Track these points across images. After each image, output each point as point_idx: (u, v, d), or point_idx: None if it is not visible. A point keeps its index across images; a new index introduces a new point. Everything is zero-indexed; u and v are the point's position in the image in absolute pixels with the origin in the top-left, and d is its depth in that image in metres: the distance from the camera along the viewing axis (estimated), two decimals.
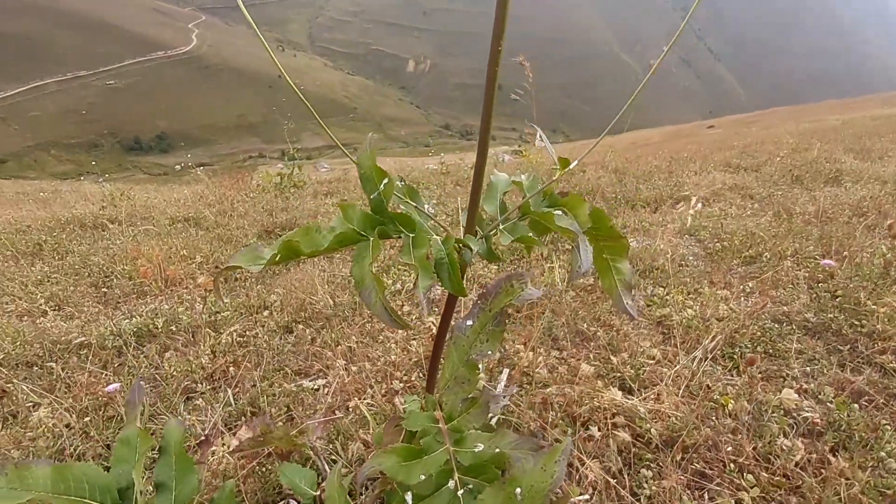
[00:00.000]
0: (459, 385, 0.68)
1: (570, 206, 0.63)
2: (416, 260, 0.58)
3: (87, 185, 14.02)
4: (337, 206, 4.17)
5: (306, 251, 0.55)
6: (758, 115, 32.52)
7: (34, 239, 3.55)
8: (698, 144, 14.49)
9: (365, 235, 0.60)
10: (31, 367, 1.75)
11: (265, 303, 2.21)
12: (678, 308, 1.82)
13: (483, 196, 0.72)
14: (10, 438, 1.32)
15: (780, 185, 4.44)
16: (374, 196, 0.61)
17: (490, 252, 0.69)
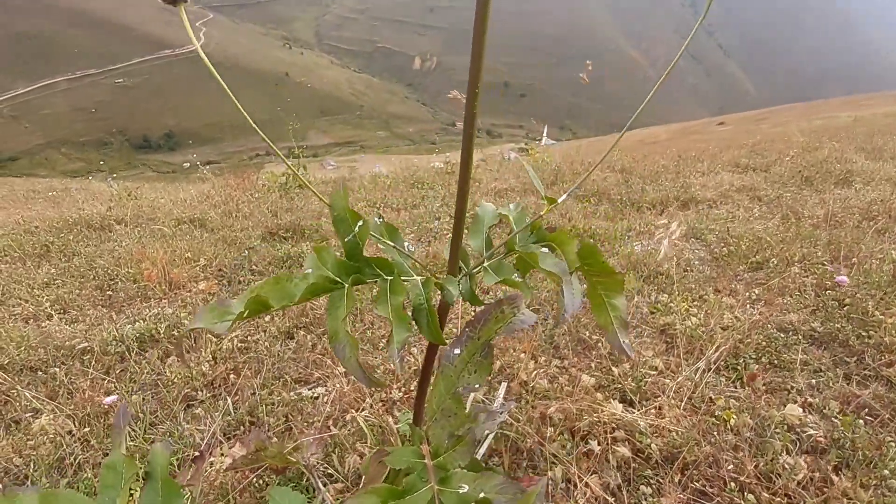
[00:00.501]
0: (446, 418, 0.67)
1: (558, 242, 0.61)
2: (392, 310, 0.57)
3: (96, 184, 14.16)
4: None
5: (276, 305, 0.54)
6: (768, 112, 32.09)
7: (42, 240, 3.58)
8: (707, 142, 14.34)
9: (340, 282, 0.58)
10: (35, 371, 1.77)
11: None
12: (682, 316, 1.80)
13: (470, 228, 0.70)
14: (12, 446, 1.33)
15: (789, 186, 4.38)
16: (348, 239, 0.59)
17: (472, 295, 0.67)
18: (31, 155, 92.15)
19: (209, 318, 0.53)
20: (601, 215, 3.83)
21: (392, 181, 5.87)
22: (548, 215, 3.12)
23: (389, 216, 4.11)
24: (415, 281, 0.63)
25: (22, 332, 1.97)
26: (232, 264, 2.88)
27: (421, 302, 0.61)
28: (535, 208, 3.70)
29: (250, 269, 2.83)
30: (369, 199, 4.74)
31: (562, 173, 5.56)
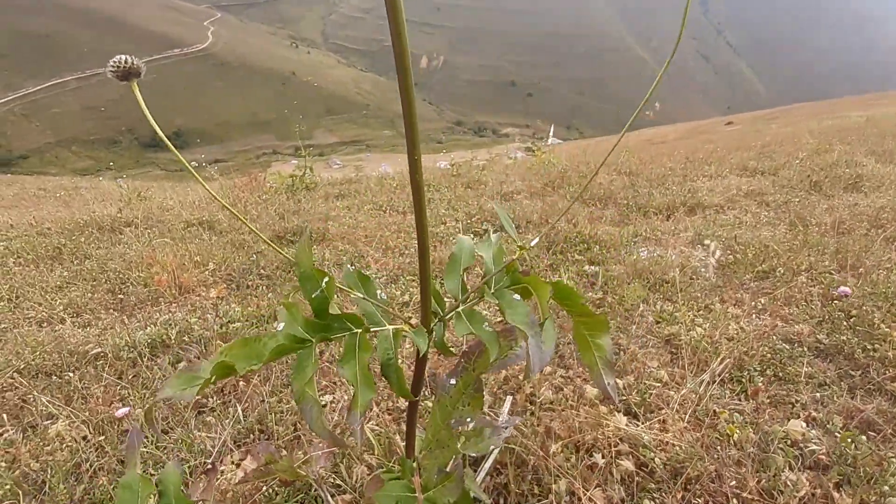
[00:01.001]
0: (440, 449, 0.68)
1: (533, 286, 0.60)
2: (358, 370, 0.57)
3: (106, 183, 14.34)
4: (346, 208, 4.16)
5: (242, 370, 0.55)
6: (778, 112, 31.79)
7: (54, 243, 3.64)
8: (715, 143, 14.24)
9: (309, 340, 0.58)
10: (50, 376, 1.81)
11: (275, 313, 2.25)
12: (687, 326, 1.81)
13: (446, 267, 0.70)
14: (30, 451, 1.36)
15: (797, 191, 4.35)
16: (315, 296, 0.59)
17: (443, 344, 0.67)
18: (42, 153, 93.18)
19: (177, 386, 0.54)
20: (607, 220, 3.83)
21: (398, 183, 5.89)
22: (554, 219, 3.11)
23: (395, 219, 4.13)
24: (385, 332, 0.63)
25: (37, 336, 2.01)
26: (240, 269, 2.92)
27: (389, 357, 0.61)
28: (528, 231, 3.71)
29: (258, 274, 2.87)
30: (375, 202, 4.77)
31: (567, 175, 5.56)
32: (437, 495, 0.61)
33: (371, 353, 0.59)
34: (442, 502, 0.60)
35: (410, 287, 2.44)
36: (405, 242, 3.32)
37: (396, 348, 0.61)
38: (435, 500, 0.61)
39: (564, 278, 2.26)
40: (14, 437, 1.46)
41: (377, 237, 3.47)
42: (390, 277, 2.67)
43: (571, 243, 2.87)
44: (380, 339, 0.61)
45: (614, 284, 2.24)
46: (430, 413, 0.81)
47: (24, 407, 1.61)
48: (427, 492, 0.62)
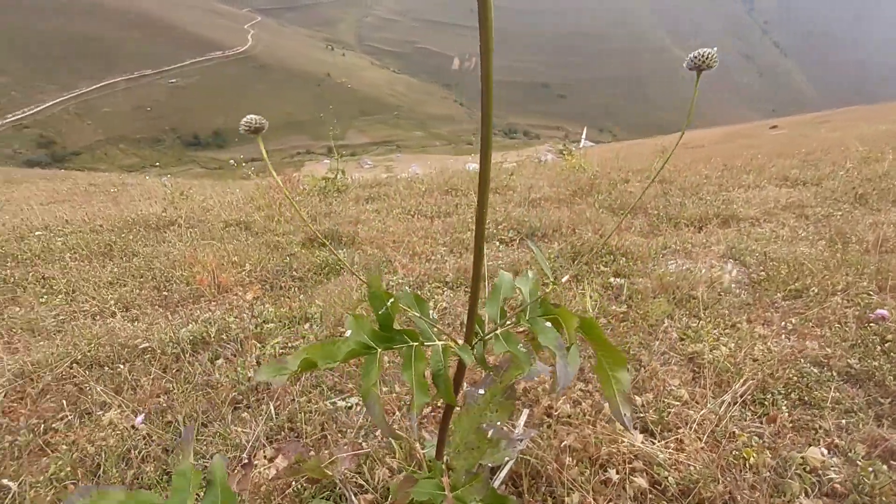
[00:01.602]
0: (469, 451, 0.74)
1: (561, 317, 0.66)
2: (415, 377, 0.64)
3: (150, 180, 15.07)
4: (375, 212, 4.23)
5: (322, 365, 0.63)
6: (828, 115, 30.23)
7: (105, 240, 3.90)
8: (757, 148, 13.69)
9: (374, 348, 0.66)
10: (103, 367, 1.96)
11: (306, 314, 2.35)
12: (711, 345, 1.79)
13: (489, 295, 0.76)
14: (86, 436, 1.50)
15: (840, 204, 4.17)
16: (381, 312, 0.67)
17: (483, 361, 0.74)
18: (92, 150, 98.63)
19: (269, 373, 0.62)
20: (636, 230, 3.78)
21: (427, 187, 5.98)
22: (581, 231, 3.11)
23: (422, 224, 4.21)
24: (436, 347, 0.70)
25: (92, 330, 2.18)
26: (274, 270, 3.06)
27: (439, 368, 0.68)
28: (559, 244, 3.70)
29: (291, 276, 2.99)
30: (404, 207, 4.86)
31: (597, 182, 5.50)
32: (465, 494, 0.68)
33: (426, 364, 0.67)
34: (469, 500, 0.67)
35: (436, 294, 2.50)
36: (431, 248, 3.39)
37: (446, 361, 0.69)
38: (463, 498, 0.67)
39: (588, 291, 2.27)
40: (72, 421, 1.60)
41: (405, 242, 3.55)
42: (416, 283, 2.74)
43: (598, 254, 2.87)
44: (433, 353, 0.69)
45: (639, 299, 2.23)
46: (457, 419, 0.87)
47: (80, 395, 1.76)
48: (455, 490, 0.69)
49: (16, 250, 3.64)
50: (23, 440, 1.50)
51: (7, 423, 1.59)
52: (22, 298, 2.76)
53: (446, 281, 2.74)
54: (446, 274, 2.82)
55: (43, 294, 2.83)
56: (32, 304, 2.69)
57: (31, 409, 1.71)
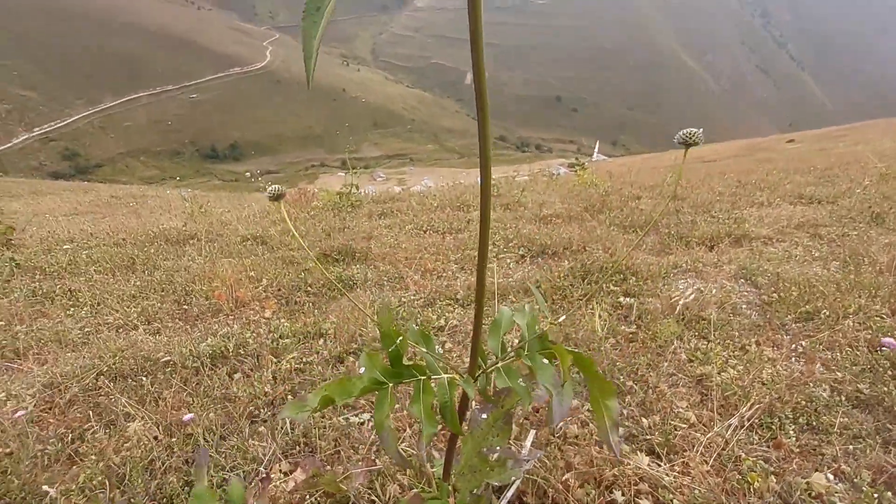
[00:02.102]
0: (472, 473, 0.79)
1: (558, 353, 0.71)
2: (423, 409, 0.70)
3: (169, 192, 15.51)
4: (387, 227, 4.30)
5: (339, 401, 0.69)
6: (847, 129, 29.82)
7: (128, 253, 4.04)
8: (773, 163, 13.57)
9: (385, 383, 0.72)
10: (126, 379, 2.04)
11: (320, 330, 2.42)
12: (719, 367, 1.81)
13: (489, 329, 0.82)
14: (112, 447, 1.57)
15: (856, 223, 4.13)
16: (391, 350, 0.73)
17: (485, 392, 0.79)
18: (114, 163, 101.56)
19: (293, 410, 0.68)
20: (648, 248, 3.80)
21: (439, 203, 6.06)
22: (591, 249, 3.13)
23: (434, 240, 4.27)
24: (442, 380, 0.75)
25: (116, 342, 2.28)
26: (290, 285, 3.14)
27: (445, 400, 0.73)
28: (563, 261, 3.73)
29: (306, 291, 3.07)
30: (416, 223, 4.94)
31: (608, 199, 5.53)
32: None
33: (433, 397, 0.72)
34: None
35: (446, 312, 2.55)
36: (443, 266, 3.45)
37: (452, 394, 0.74)
38: None
39: (598, 310, 2.29)
40: (99, 431, 1.68)
41: (416, 259, 3.62)
42: (427, 300, 2.79)
43: (607, 273, 2.90)
44: (439, 386, 0.74)
45: (648, 319, 2.25)
46: (463, 441, 0.92)
47: (105, 406, 1.84)
48: None
49: (44, 263, 3.80)
50: (52, 449, 1.57)
51: (37, 433, 1.67)
52: (50, 311, 2.88)
53: (457, 298, 2.78)
54: (457, 291, 2.87)
55: (70, 307, 2.94)
56: (60, 316, 2.81)
57: (59, 419, 1.79)
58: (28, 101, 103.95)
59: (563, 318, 0.79)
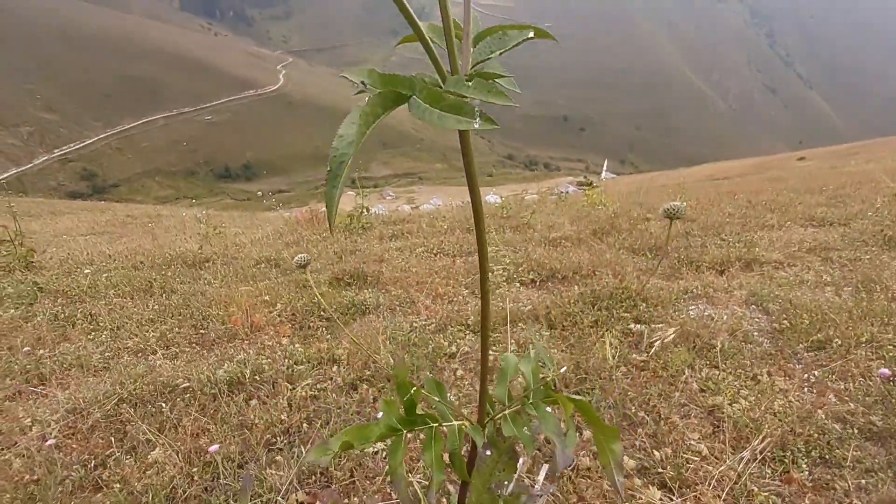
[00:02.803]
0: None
1: (561, 402, 0.74)
2: (434, 458, 0.74)
3: (183, 211, 15.83)
4: (398, 250, 4.36)
5: (357, 446, 0.73)
6: (858, 147, 29.67)
7: (146, 276, 4.14)
8: (784, 182, 13.50)
9: (400, 429, 0.76)
10: (146, 404, 2.09)
11: (334, 356, 2.46)
12: (731, 398, 1.81)
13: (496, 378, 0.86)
14: (135, 472, 1.61)
15: (869, 246, 4.11)
16: (405, 399, 0.78)
17: (494, 441, 0.83)
18: (131, 182, 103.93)
19: (317, 454, 0.73)
20: (657, 272, 3.81)
21: (448, 225, 6.13)
22: (601, 274, 3.15)
23: (444, 263, 4.32)
24: (452, 428, 0.79)
25: (136, 368, 2.34)
26: (303, 310, 3.20)
27: (455, 447, 0.78)
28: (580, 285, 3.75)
29: (319, 316, 3.13)
30: (427, 245, 5.00)
31: (617, 221, 5.55)
32: None
33: (443, 444, 0.76)
34: None
35: (457, 338, 2.58)
36: (454, 290, 3.49)
37: (461, 441, 0.78)
38: None
39: (608, 338, 2.31)
40: (120, 458, 1.72)
41: (428, 283, 3.66)
42: (439, 326, 2.83)
43: (617, 299, 2.92)
44: (449, 434, 0.79)
45: (658, 349, 2.26)
46: (472, 479, 0.95)
47: (126, 432, 1.89)
48: None
49: (65, 286, 3.90)
50: (77, 476, 1.62)
51: (62, 459, 1.72)
52: (72, 335, 2.96)
53: (468, 324, 2.81)
54: (468, 316, 2.91)
55: (90, 331, 3.02)
56: (81, 340, 2.88)
57: (82, 445, 1.84)
58: (49, 123, 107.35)
59: (563, 369, 0.83)
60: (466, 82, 0.47)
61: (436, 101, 0.44)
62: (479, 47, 0.57)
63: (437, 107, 0.44)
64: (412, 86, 0.46)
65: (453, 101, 0.44)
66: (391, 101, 0.45)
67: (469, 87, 0.46)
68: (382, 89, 0.46)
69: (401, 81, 0.47)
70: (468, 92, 0.46)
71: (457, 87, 0.46)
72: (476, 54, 0.56)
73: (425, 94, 0.45)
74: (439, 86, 0.48)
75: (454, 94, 0.46)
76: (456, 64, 0.52)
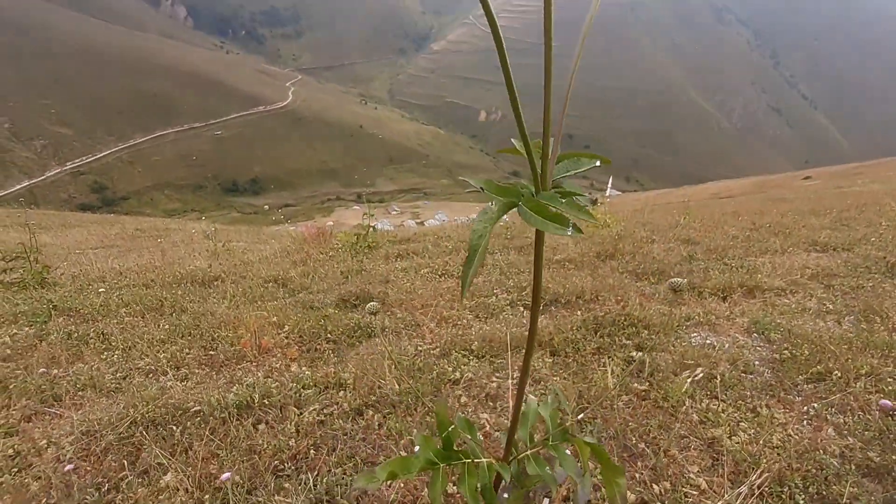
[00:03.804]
0: None
1: (577, 445, 0.81)
2: (468, 490, 0.80)
3: (192, 224, 16.01)
4: (403, 271, 4.41)
5: (401, 477, 0.79)
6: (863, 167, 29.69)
7: (157, 295, 4.22)
8: (789, 203, 13.53)
9: (438, 463, 0.83)
10: (158, 427, 2.15)
11: (340, 380, 2.51)
12: (731, 430, 1.84)
13: (520, 421, 0.92)
14: (148, 497, 1.66)
15: (872, 273, 4.14)
16: (444, 436, 0.84)
17: (519, 478, 0.89)
18: (140, 195, 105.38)
19: (365, 481, 0.79)
20: (659, 297, 3.84)
21: (454, 246, 6.21)
22: (604, 299, 3.19)
23: (449, 284, 4.38)
24: (482, 464, 0.86)
25: (148, 391, 2.39)
26: (311, 332, 3.25)
27: (485, 482, 0.83)
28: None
29: (326, 338, 3.18)
30: (432, 266, 5.07)
31: (621, 246, 5.60)
32: None
33: (476, 478, 0.83)
34: None
35: (461, 364, 2.63)
36: (458, 314, 3.54)
37: (491, 477, 0.85)
38: None
39: (610, 367, 2.35)
40: (133, 481, 1.77)
41: (433, 306, 3.72)
42: (443, 351, 2.88)
43: (619, 326, 2.96)
44: (480, 469, 0.85)
45: (660, 377, 2.30)
46: None
47: (139, 455, 1.94)
48: None
49: (78, 304, 3.99)
50: (90, 500, 1.67)
51: (76, 481, 1.77)
52: (85, 354, 3.03)
53: (472, 349, 2.86)
54: (472, 341, 2.95)
55: (103, 350, 3.09)
56: (94, 360, 2.95)
57: (95, 467, 1.89)
58: (63, 137, 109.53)
59: (581, 415, 0.89)
60: (560, 198, 0.62)
61: (539, 211, 0.60)
62: (559, 166, 0.75)
63: (541, 216, 0.59)
64: (519, 195, 0.64)
65: (555, 213, 0.59)
66: (508, 208, 0.63)
67: (563, 203, 0.61)
68: (497, 195, 0.64)
69: (510, 191, 0.64)
70: (562, 207, 0.61)
71: (552, 200, 0.62)
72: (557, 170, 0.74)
73: (531, 204, 0.61)
74: (533, 193, 0.65)
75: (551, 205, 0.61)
76: (546, 178, 0.68)
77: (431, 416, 2.08)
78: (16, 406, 2.38)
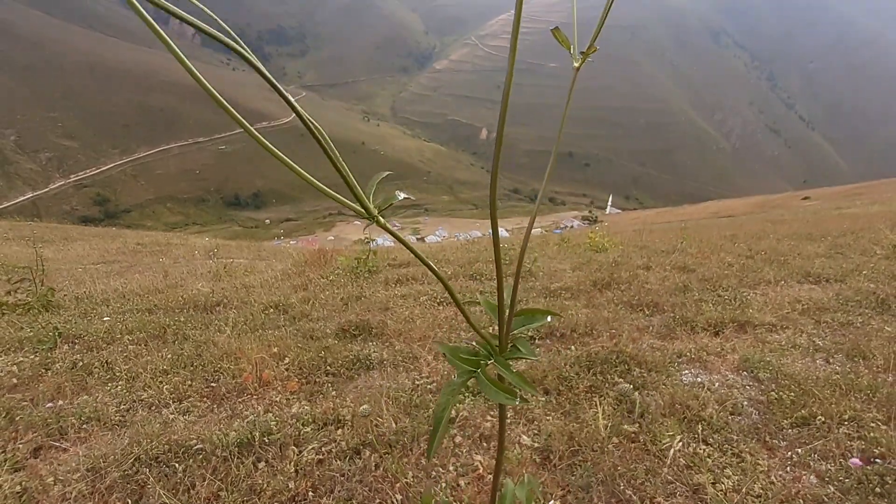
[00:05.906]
0: None
1: None
2: None
3: (193, 239, 16.09)
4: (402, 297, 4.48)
5: None
6: (863, 187, 29.88)
7: (160, 322, 4.29)
8: (786, 223, 13.65)
9: None
10: (160, 464, 2.21)
11: (339, 416, 2.57)
12: (716, 476, 1.91)
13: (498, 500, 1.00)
14: None
15: (862, 308, 4.21)
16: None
17: None
18: (142, 208, 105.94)
19: None
20: (653, 331, 3.91)
21: (453, 271, 6.30)
22: (598, 332, 3.25)
23: (448, 313, 4.46)
24: None
25: (152, 426, 2.46)
26: (311, 364, 3.32)
27: None
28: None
29: (325, 371, 3.25)
30: (431, 294, 5.15)
31: (617, 274, 5.69)
32: None
33: None
34: None
35: (457, 402, 2.69)
36: (456, 344, 3.61)
37: None
38: None
39: (601, 409, 2.42)
40: None
41: (431, 337, 3.79)
42: (440, 386, 2.94)
43: (612, 363, 3.03)
44: None
45: (650, 419, 2.36)
46: None
47: (142, 493, 2.00)
48: None
49: (83, 331, 4.06)
50: None
51: None
52: (90, 385, 3.09)
53: (468, 385, 2.92)
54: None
55: (107, 380, 3.16)
56: (98, 391, 3.01)
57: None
58: (68, 149, 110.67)
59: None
60: (512, 372, 0.73)
61: (494, 384, 0.72)
62: (517, 319, 0.86)
63: (494, 387, 0.71)
64: (478, 365, 0.75)
65: (507, 388, 0.71)
66: (469, 376, 0.74)
67: (514, 377, 0.73)
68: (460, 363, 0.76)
69: (471, 362, 0.76)
70: (513, 380, 0.73)
71: (506, 371, 0.74)
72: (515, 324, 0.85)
73: (486, 378, 0.73)
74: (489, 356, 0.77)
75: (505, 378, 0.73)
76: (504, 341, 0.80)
77: (425, 458, 2.14)
78: (22, 439, 2.44)
